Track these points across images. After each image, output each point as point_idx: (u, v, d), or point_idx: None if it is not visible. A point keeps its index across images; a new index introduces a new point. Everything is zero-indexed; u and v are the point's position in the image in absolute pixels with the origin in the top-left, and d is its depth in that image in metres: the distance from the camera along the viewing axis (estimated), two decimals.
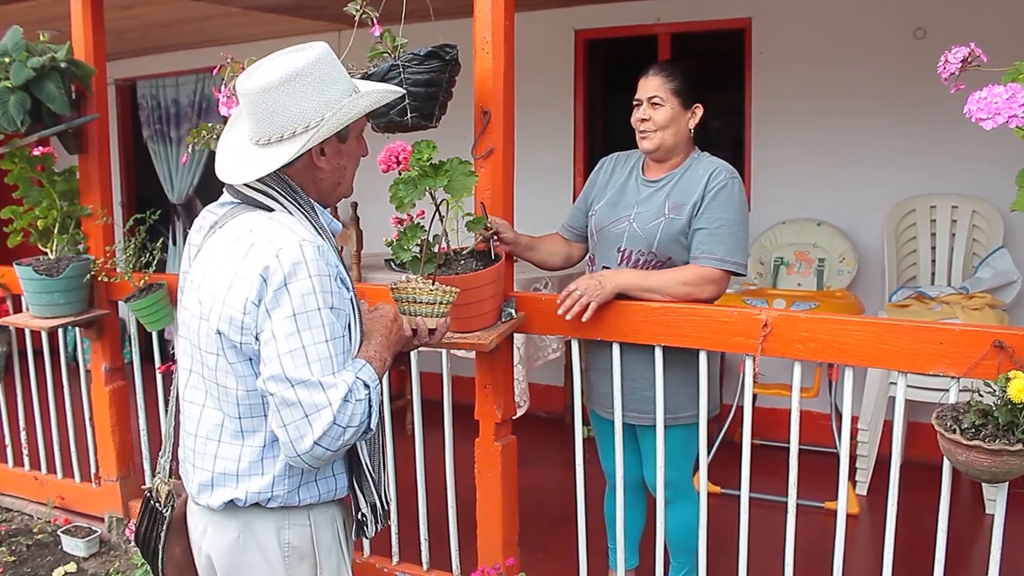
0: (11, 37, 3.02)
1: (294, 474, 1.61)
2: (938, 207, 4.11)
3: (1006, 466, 1.72)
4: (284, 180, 1.62)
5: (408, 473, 2.81)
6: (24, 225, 3.28)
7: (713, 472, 2.97)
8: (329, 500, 1.68)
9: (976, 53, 1.74)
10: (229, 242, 1.58)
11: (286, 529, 1.64)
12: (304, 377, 1.46)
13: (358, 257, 4.27)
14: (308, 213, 1.62)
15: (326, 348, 1.49)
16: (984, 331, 1.95)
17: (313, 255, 1.51)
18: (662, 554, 2.48)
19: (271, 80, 1.55)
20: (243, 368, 1.56)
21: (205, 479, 1.63)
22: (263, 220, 1.58)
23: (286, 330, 1.47)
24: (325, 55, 1.60)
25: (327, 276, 1.52)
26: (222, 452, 1.61)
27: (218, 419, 1.61)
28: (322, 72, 1.58)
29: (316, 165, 1.64)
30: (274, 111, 1.56)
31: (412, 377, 2.80)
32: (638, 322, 2.34)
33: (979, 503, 3.62)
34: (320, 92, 1.57)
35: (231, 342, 1.54)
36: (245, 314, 1.51)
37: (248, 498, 1.60)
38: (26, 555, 3.46)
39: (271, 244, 1.51)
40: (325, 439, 1.47)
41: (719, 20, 4.57)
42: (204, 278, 1.60)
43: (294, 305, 1.48)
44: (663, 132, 2.47)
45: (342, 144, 1.66)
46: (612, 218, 2.54)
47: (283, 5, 4.51)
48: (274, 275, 1.49)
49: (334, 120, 1.58)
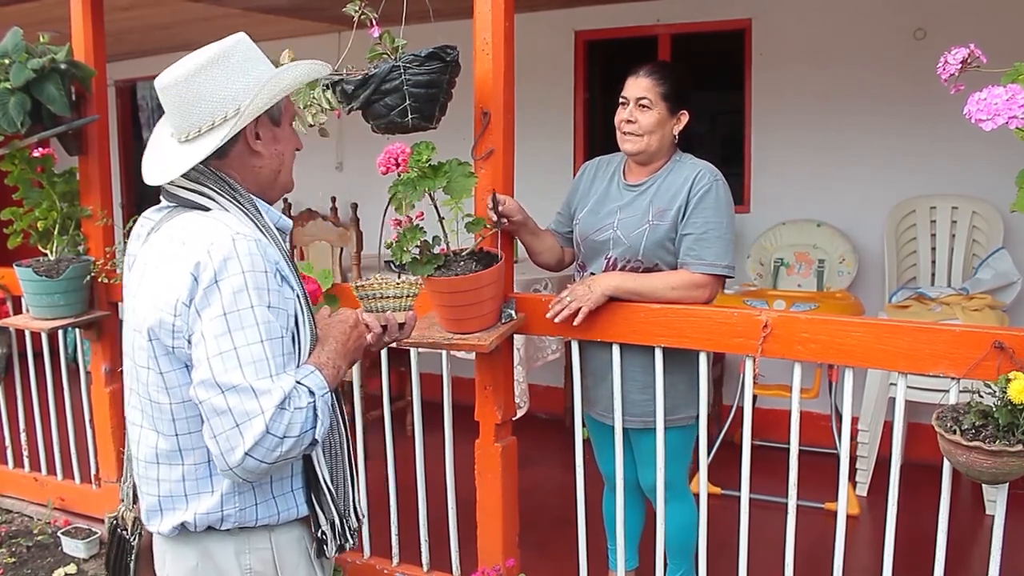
0: (11, 38, 3.02)
1: (245, 490, 1.50)
2: (938, 208, 4.11)
3: (1006, 467, 1.72)
4: (221, 177, 1.53)
5: (408, 474, 2.81)
6: (24, 226, 3.28)
7: (713, 473, 2.97)
8: (291, 520, 1.57)
9: (976, 54, 1.74)
10: (163, 244, 1.49)
11: (246, 553, 1.54)
12: (235, 382, 1.35)
13: (358, 258, 4.28)
14: (248, 210, 1.52)
15: (260, 349, 1.37)
16: (984, 332, 1.95)
17: (247, 249, 1.41)
18: (662, 555, 2.48)
19: (192, 67, 1.48)
20: (177, 377, 1.45)
21: (152, 504, 1.54)
22: (197, 219, 1.48)
23: (216, 330, 1.37)
24: (244, 40, 1.54)
25: (263, 272, 1.41)
26: (163, 474, 1.51)
27: (153, 440, 1.51)
28: (244, 54, 1.52)
29: (253, 151, 1.55)
30: (199, 98, 1.48)
31: (412, 378, 2.80)
32: (638, 323, 2.34)
33: (979, 504, 3.62)
34: (245, 73, 1.50)
35: (164, 347, 1.43)
36: (176, 316, 1.40)
37: (199, 521, 1.50)
38: (26, 556, 3.46)
39: (202, 240, 1.42)
40: (258, 450, 1.35)
41: (719, 21, 4.57)
42: (139, 286, 1.51)
43: (224, 304, 1.37)
44: (648, 137, 2.44)
45: (277, 128, 1.58)
46: (596, 226, 2.53)
47: (282, 6, 4.51)
48: (204, 271, 1.38)
49: (266, 94, 1.50)
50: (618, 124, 2.50)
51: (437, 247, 2.31)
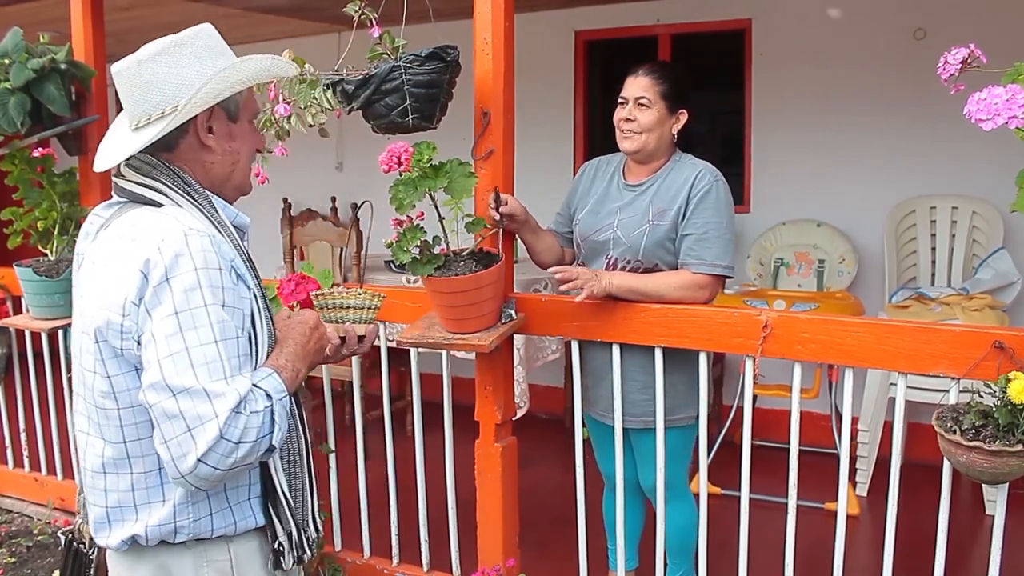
0: (11, 39, 3.02)
1: (199, 500, 1.43)
2: (938, 208, 4.11)
3: (1006, 467, 1.72)
4: (174, 171, 1.46)
5: (408, 474, 2.81)
6: (24, 226, 3.28)
7: (713, 473, 2.97)
8: (249, 530, 1.50)
9: (976, 54, 1.74)
10: (112, 241, 1.42)
11: (204, 567, 1.46)
12: (187, 384, 1.27)
13: (358, 258, 4.27)
14: (203, 206, 1.46)
15: (214, 350, 1.30)
16: (984, 332, 1.95)
17: (200, 246, 1.34)
18: (662, 555, 2.48)
19: (147, 53, 1.44)
20: (126, 381, 1.38)
21: (100, 516, 1.46)
22: (149, 215, 1.41)
23: (167, 330, 1.29)
24: (206, 30, 1.50)
25: (218, 269, 1.35)
26: (111, 484, 1.43)
27: (100, 448, 1.43)
28: (202, 44, 1.47)
29: (204, 145, 1.49)
30: (150, 85, 1.43)
31: (412, 378, 2.80)
32: (638, 323, 2.34)
33: (979, 504, 3.62)
34: (202, 62, 1.45)
35: (112, 349, 1.36)
36: (125, 315, 1.33)
37: (150, 533, 1.42)
38: (26, 556, 3.46)
39: (153, 236, 1.35)
40: (211, 456, 1.27)
41: (719, 21, 4.57)
42: (88, 286, 1.44)
43: (176, 302, 1.30)
44: (647, 135, 2.45)
45: (232, 124, 1.51)
46: (596, 226, 2.53)
47: (282, 6, 4.51)
48: (155, 269, 1.32)
49: (214, 86, 1.43)
50: (617, 123, 2.50)
51: (437, 247, 2.31)
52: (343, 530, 2.97)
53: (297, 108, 2.37)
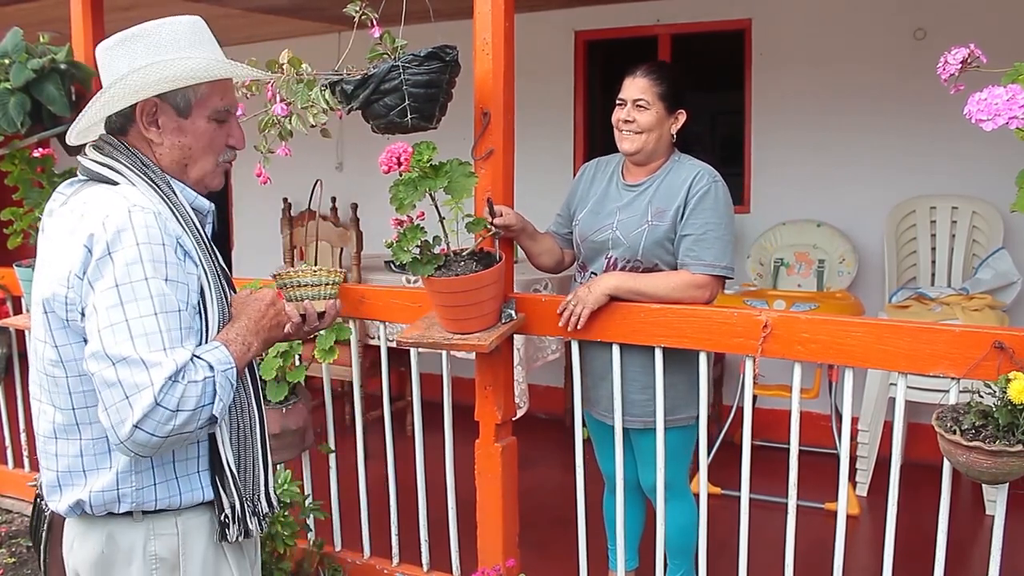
0: (11, 39, 3.02)
1: (143, 469, 1.46)
2: (938, 208, 4.11)
3: (1006, 467, 1.72)
4: (132, 152, 1.52)
5: (408, 474, 2.81)
6: (24, 226, 3.28)
7: (713, 473, 2.97)
8: (197, 503, 1.53)
9: (976, 54, 1.74)
10: (65, 217, 1.48)
11: (152, 540, 1.50)
12: (124, 354, 1.32)
13: (358, 258, 4.27)
14: (159, 187, 1.50)
15: (154, 322, 1.35)
16: (984, 332, 1.95)
17: (143, 222, 1.39)
18: (662, 555, 2.48)
19: (114, 39, 1.50)
20: (72, 351, 1.43)
21: (51, 480, 1.51)
22: (101, 192, 1.47)
23: (107, 302, 1.35)
24: (179, 22, 1.52)
25: (161, 245, 1.39)
26: (62, 449, 1.48)
27: (50, 415, 1.49)
28: (163, 35, 1.50)
29: (147, 137, 1.52)
30: (104, 70, 1.50)
31: (412, 378, 2.79)
32: (638, 323, 2.34)
33: (979, 504, 3.62)
34: (154, 54, 1.48)
35: (59, 320, 1.42)
36: (69, 288, 1.39)
37: (94, 500, 1.46)
38: (26, 556, 3.46)
39: (99, 212, 1.40)
40: (147, 422, 1.32)
41: (719, 21, 4.57)
42: (42, 260, 1.50)
43: (117, 275, 1.35)
44: (646, 135, 2.45)
45: (182, 119, 1.53)
46: (595, 227, 2.53)
47: (282, 6, 4.51)
48: (97, 243, 1.37)
49: (137, 79, 1.46)
50: (615, 124, 2.50)
51: (437, 247, 2.31)
52: (343, 530, 2.97)
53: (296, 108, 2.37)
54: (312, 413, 2.78)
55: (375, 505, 2.92)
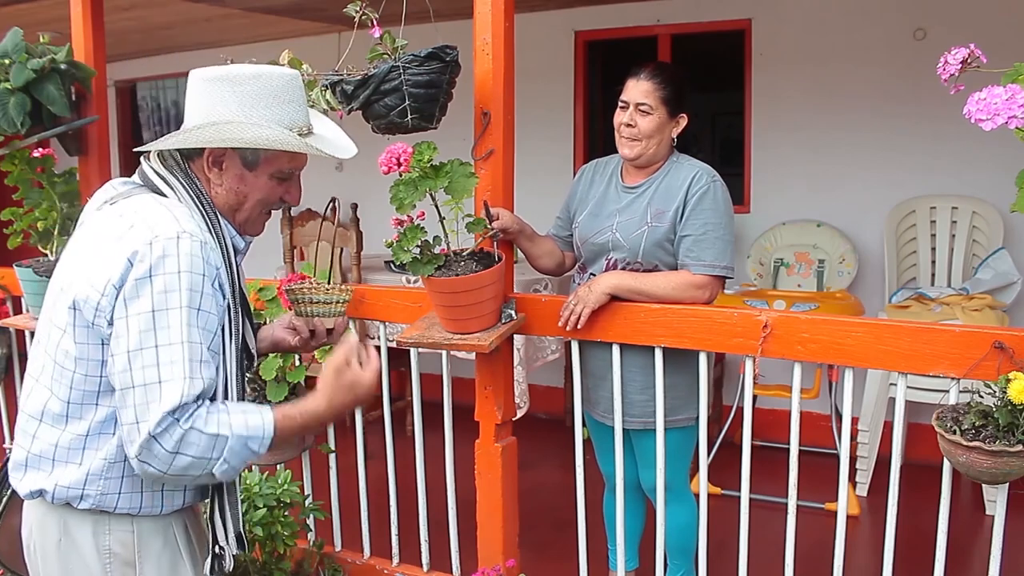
0: (11, 39, 3.02)
1: (113, 476, 1.48)
2: (938, 208, 4.11)
3: (1006, 467, 1.72)
4: (191, 176, 1.55)
5: (408, 474, 2.81)
6: (24, 227, 3.27)
7: (713, 473, 2.97)
8: (156, 514, 1.55)
9: (975, 54, 1.74)
10: (113, 218, 1.49)
11: (106, 534, 1.51)
12: (147, 380, 1.36)
13: (358, 258, 4.27)
14: (206, 211, 1.54)
15: (180, 351, 1.38)
16: (984, 332, 1.95)
17: (189, 250, 1.42)
18: (662, 556, 2.48)
19: (214, 73, 1.53)
20: (90, 351, 1.45)
21: (20, 457, 1.53)
22: (152, 203, 1.50)
23: (140, 326, 1.38)
24: (274, 75, 1.56)
25: (201, 275, 1.42)
26: (42, 433, 1.50)
27: (44, 398, 1.50)
28: (256, 88, 1.53)
29: (206, 175, 1.56)
30: (192, 101, 1.55)
31: (412, 378, 2.79)
32: (638, 323, 2.34)
33: (979, 504, 3.62)
34: (247, 107, 1.52)
35: (84, 320, 1.44)
36: (103, 295, 1.41)
37: (57, 492, 1.48)
38: None
39: (149, 230, 1.43)
40: (146, 455, 1.37)
41: (719, 21, 4.57)
42: (79, 250, 1.52)
43: (155, 300, 1.38)
44: (648, 141, 2.45)
45: (247, 171, 1.57)
46: (595, 229, 2.53)
47: (283, 7, 4.51)
48: (141, 262, 1.40)
49: (212, 132, 1.50)
50: (617, 127, 2.49)
51: (437, 247, 2.31)
52: (343, 530, 2.97)
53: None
54: None
55: (375, 505, 2.92)
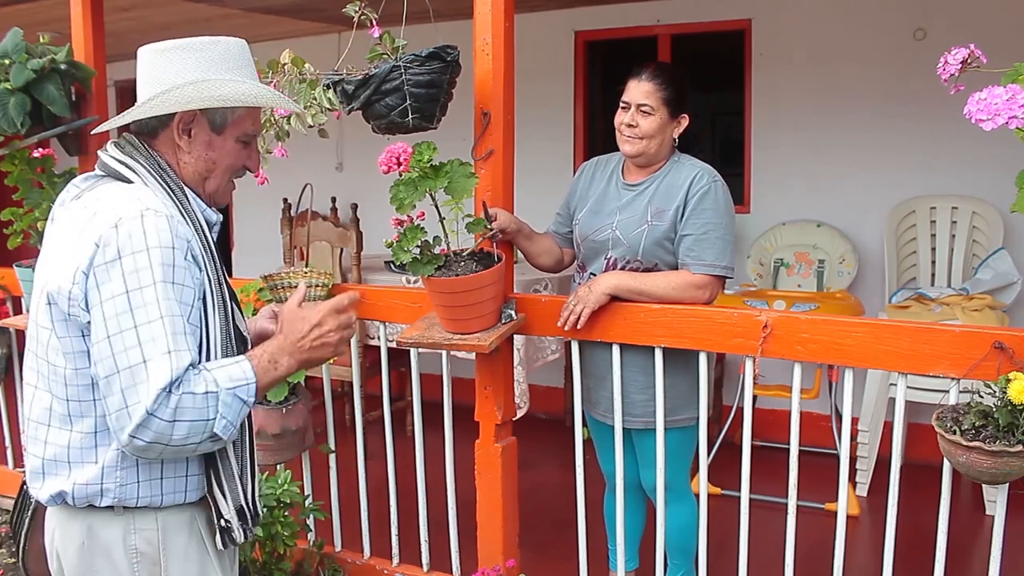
0: (11, 39, 3.02)
1: (128, 466, 1.47)
2: (938, 208, 4.11)
3: (1006, 467, 1.72)
4: (152, 155, 1.54)
5: (408, 474, 2.81)
6: (24, 227, 3.28)
7: (713, 473, 2.97)
8: (180, 503, 1.53)
9: (975, 54, 1.74)
10: (77, 212, 1.49)
11: (132, 534, 1.50)
12: (130, 362, 1.35)
13: (358, 258, 4.27)
14: (173, 191, 1.52)
15: (160, 327, 1.37)
16: (984, 332, 1.95)
17: (155, 225, 1.40)
18: (662, 556, 2.48)
19: (167, 45, 1.53)
20: (73, 344, 1.44)
21: (36, 466, 1.53)
22: (115, 189, 1.49)
23: (115, 309, 1.37)
24: (230, 43, 1.57)
25: (171, 248, 1.41)
26: (52, 437, 1.50)
27: (47, 402, 1.50)
28: (215, 53, 1.54)
29: (177, 144, 1.55)
30: (152, 74, 1.54)
31: (412, 378, 2.79)
32: (638, 323, 2.34)
33: (979, 504, 3.62)
34: (204, 70, 1.53)
35: (61, 313, 1.43)
36: (74, 284, 1.40)
37: (77, 492, 1.48)
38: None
39: (113, 212, 1.42)
40: (143, 432, 1.35)
41: (719, 21, 4.57)
42: (49, 250, 1.52)
43: (127, 281, 1.37)
44: (648, 141, 2.44)
45: (215, 135, 1.57)
46: (595, 226, 2.53)
47: (282, 7, 4.51)
48: (108, 245, 1.39)
49: (192, 92, 1.50)
50: (618, 126, 2.49)
51: (437, 247, 2.31)
52: (343, 530, 2.97)
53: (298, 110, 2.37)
54: (312, 413, 2.78)
55: (375, 505, 2.92)
